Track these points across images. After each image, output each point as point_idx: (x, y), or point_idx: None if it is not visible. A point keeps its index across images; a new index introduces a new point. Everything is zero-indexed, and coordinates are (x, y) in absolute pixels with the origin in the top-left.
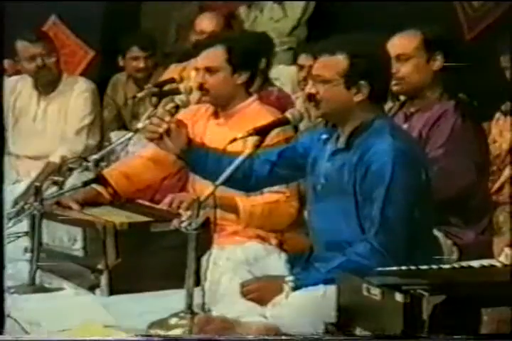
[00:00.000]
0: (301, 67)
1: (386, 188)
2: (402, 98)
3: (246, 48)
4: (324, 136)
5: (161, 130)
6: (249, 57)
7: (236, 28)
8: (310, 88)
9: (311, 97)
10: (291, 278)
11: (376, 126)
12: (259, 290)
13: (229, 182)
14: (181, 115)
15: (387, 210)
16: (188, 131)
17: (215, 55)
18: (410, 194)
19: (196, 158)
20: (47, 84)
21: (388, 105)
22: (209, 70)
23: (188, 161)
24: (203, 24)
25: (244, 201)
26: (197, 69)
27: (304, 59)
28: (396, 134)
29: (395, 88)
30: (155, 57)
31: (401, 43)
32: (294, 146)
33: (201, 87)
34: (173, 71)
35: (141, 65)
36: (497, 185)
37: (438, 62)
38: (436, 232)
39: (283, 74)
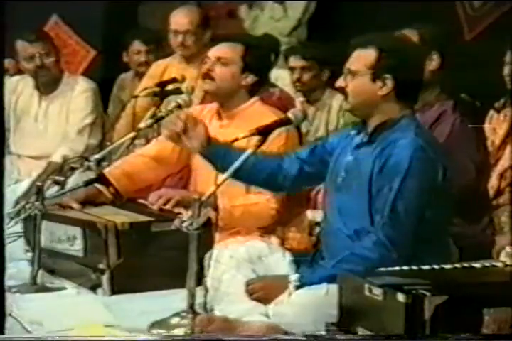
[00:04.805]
0: (292, 69)
1: (400, 181)
2: None
3: (262, 53)
4: (353, 132)
5: (178, 129)
6: (262, 61)
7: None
8: (340, 81)
9: (341, 90)
10: (295, 277)
11: (403, 123)
12: (265, 289)
13: (255, 182)
14: None
15: (397, 204)
16: (206, 128)
17: (232, 49)
18: (423, 191)
19: (218, 156)
20: (47, 84)
21: None
22: (221, 61)
23: (211, 159)
24: (176, 23)
25: (225, 201)
26: (206, 57)
27: (294, 61)
28: (419, 132)
29: None
30: (157, 51)
31: None
32: (323, 144)
33: (207, 74)
34: (155, 68)
35: (142, 58)
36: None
37: (434, 62)
38: None
39: (282, 76)
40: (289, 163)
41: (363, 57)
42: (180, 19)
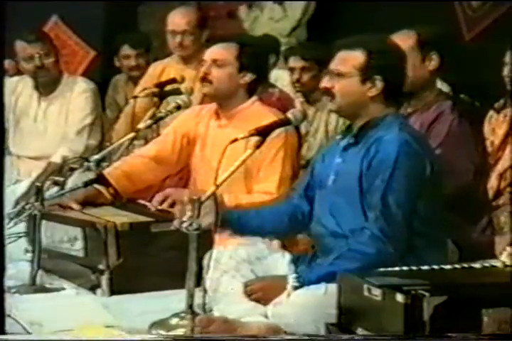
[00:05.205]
0: (292, 70)
1: (389, 175)
2: None
3: (257, 50)
4: (339, 137)
5: (185, 218)
6: (258, 59)
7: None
8: (326, 82)
9: (326, 92)
10: (294, 277)
11: (386, 121)
12: (263, 290)
13: (282, 231)
14: (184, 115)
15: (388, 197)
16: (217, 204)
17: (226, 49)
18: (412, 184)
19: (233, 221)
20: (47, 84)
21: None
22: (216, 63)
23: (226, 226)
24: (174, 24)
25: (231, 199)
26: (203, 60)
27: (294, 61)
28: (403, 128)
29: None
30: (147, 55)
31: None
32: (316, 164)
33: (204, 78)
34: (154, 69)
35: (133, 63)
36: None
37: (434, 62)
38: None
39: (281, 77)
40: (298, 199)
41: (350, 59)
42: (177, 20)
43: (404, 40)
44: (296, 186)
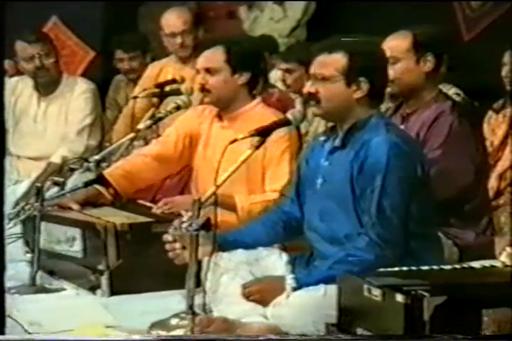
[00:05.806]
0: (281, 71)
1: (382, 179)
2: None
3: (245, 49)
4: (322, 138)
5: (178, 250)
6: (249, 57)
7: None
8: (309, 87)
9: (310, 96)
10: (292, 278)
11: (372, 123)
12: (261, 292)
13: (280, 238)
14: (186, 116)
15: (383, 202)
16: (215, 237)
17: (214, 56)
18: (405, 186)
19: (229, 245)
20: (47, 84)
21: (385, 106)
22: (209, 71)
23: (225, 250)
24: (171, 25)
25: (242, 199)
26: (197, 70)
27: (280, 63)
28: (390, 129)
29: (387, 90)
30: (143, 56)
31: (391, 45)
32: (301, 167)
33: (203, 89)
34: (152, 69)
35: (126, 66)
36: (490, 181)
37: (429, 64)
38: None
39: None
40: (290, 204)
41: (332, 62)
42: (173, 21)
43: (399, 41)
44: (286, 192)
